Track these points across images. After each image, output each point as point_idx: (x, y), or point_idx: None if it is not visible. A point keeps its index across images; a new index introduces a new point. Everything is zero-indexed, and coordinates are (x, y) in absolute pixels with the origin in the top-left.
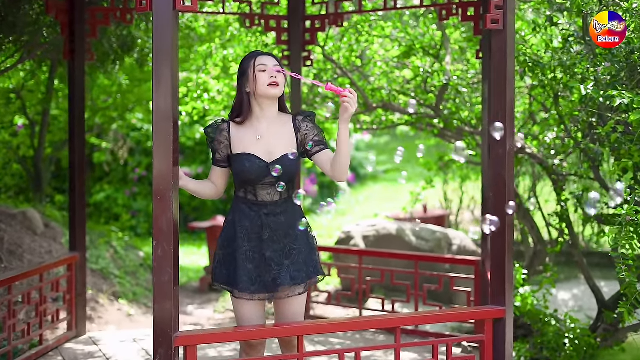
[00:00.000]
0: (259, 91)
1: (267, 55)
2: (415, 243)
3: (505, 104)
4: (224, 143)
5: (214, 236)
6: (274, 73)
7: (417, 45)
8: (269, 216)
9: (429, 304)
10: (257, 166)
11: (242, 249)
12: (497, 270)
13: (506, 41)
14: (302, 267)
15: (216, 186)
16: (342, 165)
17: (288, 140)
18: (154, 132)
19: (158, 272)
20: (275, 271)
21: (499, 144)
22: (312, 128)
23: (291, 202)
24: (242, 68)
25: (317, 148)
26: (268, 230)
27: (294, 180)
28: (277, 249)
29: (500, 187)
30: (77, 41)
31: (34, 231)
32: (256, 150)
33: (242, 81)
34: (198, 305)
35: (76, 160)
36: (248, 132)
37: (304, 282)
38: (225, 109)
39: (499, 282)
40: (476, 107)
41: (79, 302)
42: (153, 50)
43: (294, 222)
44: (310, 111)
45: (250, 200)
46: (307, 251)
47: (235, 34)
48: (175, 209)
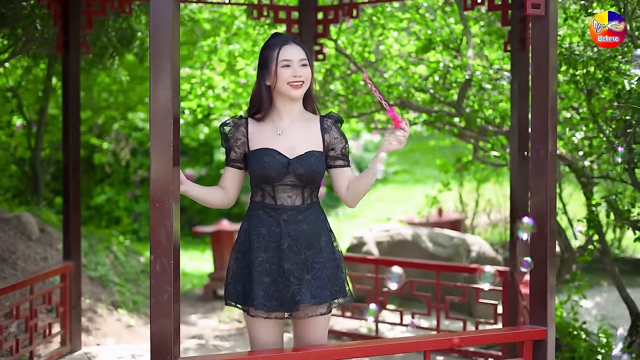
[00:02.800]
0: (278, 89)
1: (294, 45)
2: (432, 249)
3: (547, 97)
4: (241, 140)
5: (219, 241)
6: (299, 70)
7: (438, 38)
8: (289, 223)
9: (452, 317)
10: (277, 162)
11: (257, 259)
12: (538, 285)
13: (548, 28)
14: (325, 283)
15: (227, 192)
16: (360, 193)
17: (313, 138)
18: (152, 131)
19: (156, 291)
20: (294, 286)
21: (540, 144)
22: (341, 137)
23: (315, 208)
24: (264, 57)
25: (340, 162)
26: (287, 239)
27: (318, 183)
28: (298, 261)
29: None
30: (72, 33)
31: (28, 236)
32: (277, 145)
33: (263, 72)
34: (202, 315)
35: (70, 162)
36: (268, 127)
37: (327, 301)
38: (230, 107)
39: (540, 298)
40: (499, 104)
41: (74, 314)
42: (150, 38)
43: (319, 231)
44: (339, 116)
45: (269, 204)
46: (332, 267)
47: (242, 27)
48: (176, 218)
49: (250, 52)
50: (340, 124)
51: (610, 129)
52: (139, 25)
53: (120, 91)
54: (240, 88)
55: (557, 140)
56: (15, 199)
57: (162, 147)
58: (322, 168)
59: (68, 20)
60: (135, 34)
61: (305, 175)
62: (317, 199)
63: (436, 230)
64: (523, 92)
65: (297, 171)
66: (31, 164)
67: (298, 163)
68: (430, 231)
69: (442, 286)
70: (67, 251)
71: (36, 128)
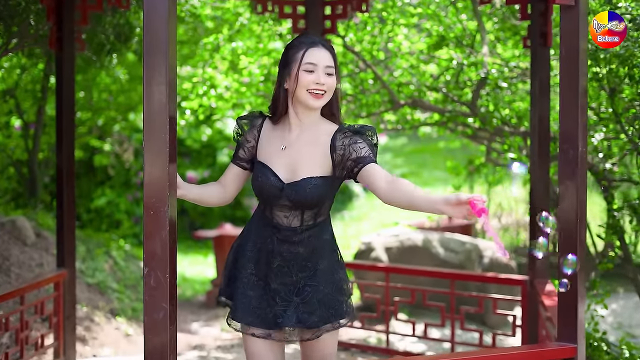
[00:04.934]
0: (297, 95)
1: (323, 49)
2: (443, 255)
3: (577, 93)
4: (251, 143)
5: (221, 246)
6: (323, 78)
7: (451, 35)
8: (283, 243)
9: (467, 328)
10: (270, 184)
11: (246, 270)
12: (567, 299)
13: (578, 19)
14: (315, 309)
15: (225, 189)
16: (402, 202)
17: (318, 160)
18: (145, 130)
19: (150, 308)
20: (278, 307)
21: (570, 144)
22: (350, 144)
23: (319, 227)
24: (286, 57)
25: (356, 168)
26: (278, 259)
27: (320, 206)
28: (287, 282)
29: (570, 200)
30: (66, 28)
31: (23, 241)
32: (277, 163)
33: (283, 74)
34: (204, 323)
35: (65, 164)
36: (276, 137)
37: (317, 326)
38: (233, 107)
39: (569, 313)
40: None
41: (68, 325)
42: (144, 26)
43: (317, 253)
44: (359, 125)
45: (267, 217)
46: (329, 291)
47: (245, 24)
48: (173, 226)
49: (254, 49)
50: (349, 132)
51: (634, 130)
52: (137, 21)
53: (121, 91)
54: (243, 87)
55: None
56: (11, 202)
57: (157, 147)
58: (323, 196)
59: (62, 15)
60: (133, 30)
61: (299, 202)
62: (323, 217)
63: (447, 235)
64: (544, 90)
65: (290, 198)
66: (28, 166)
67: (292, 190)
68: (441, 236)
69: (456, 296)
70: (61, 258)
71: (34, 129)
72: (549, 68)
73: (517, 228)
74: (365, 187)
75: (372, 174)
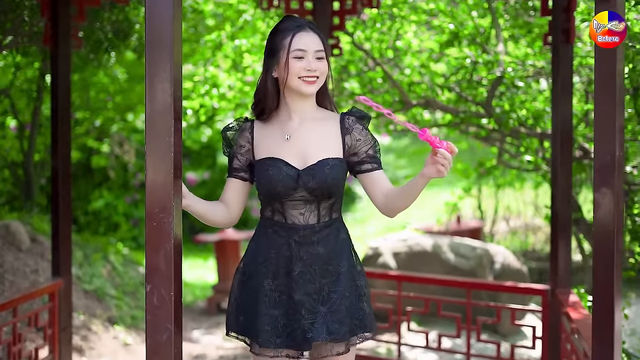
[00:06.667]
0: (288, 83)
1: (310, 32)
2: (453, 261)
3: (614, 92)
4: (246, 147)
5: (223, 251)
6: (314, 63)
7: (465, 31)
8: (302, 245)
9: (483, 340)
10: (284, 174)
11: (265, 287)
12: (603, 315)
13: (616, 11)
14: (344, 317)
15: (229, 208)
16: (400, 206)
17: (330, 142)
18: (148, 133)
19: (153, 329)
20: (306, 320)
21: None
22: (367, 135)
23: (335, 225)
24: (272, 44)
25: (368, 165)
26: (299, 264)
27: (339, 197)
28: (311, 290)
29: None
30: (61, 25)
31: (17, 247)
32: (284, 153)
33: (270, 62)
34: (205, 331)
35: (60, 167)
36: (274, 130)
37: (346, 339)
38: (236, 108)
39: (605, 330)
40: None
41: (63, 336)
42: (146, 15)
43: (338, 254)
44: (366, 112)
45: (278, 222)
46: (353, 296)
47: (249, 20)
48: (178, 239)
49: (259, 47)
50: (366, 120)
51: None
52: (136, 17)
53: (119, 91)
54: (247, 86)
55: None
56: (6, 205)
57: (161, 152)
58: (340, 179)
59: (57, 10)
60: (132, 27)
61: (318, 189)
62: (337, 214)
63: (456, 239)
64: (566, 89)
65: (308, 185)
66: (24, 168)
67: (309, 175)
68: (450, 241)
69: (473, 306)
70: (57, 266)
71: (29, 130)
72: (572, 66)
73: (525, 231)
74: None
75: (379, 181)
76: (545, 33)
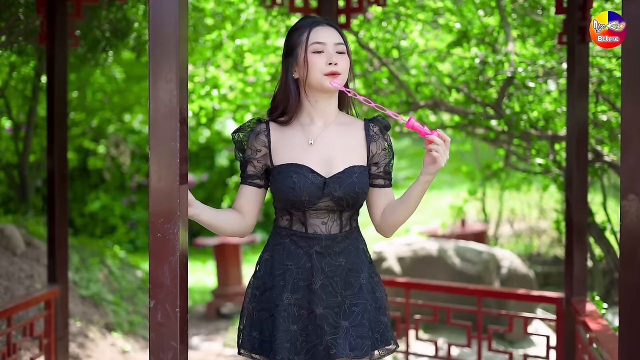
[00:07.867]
0: (310, 80)
1: (327, 27)
2: (459, 266)
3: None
4: (262, 151)
5: (223, 255)
6: (335, 57)
7: (475, 30)
8: (323, 256)
9: (495, 350)
10: (310, 182)
11: (283, 302)
12: (630, 327)
13: None
14: (367, 331)
15: (244, 216)
16: (398, 222)
17: (356, 149)
18: (151, 137)
19: (157, 347)
20: (329, 336)
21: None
22: (388, 149)
23: (355, 236)
24: (290, 43)
25: (380, 181)
26: (321, 277)
27: (361, 203)
28: (333, 304)
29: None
30: (58, 22)
31: (12, 251)
32: (308, 159)
33: (289, 62)
34: (204, 337)
35: (56, 169)
36: (295, 134)
37: (369, 354)
38: (238, 109)
39: (633, 343)
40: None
41: (60, 346)
42: (149, 10)
43: (358, 265)
44: (387, 122)
45: (297, 231)
46: (373, 309)
47: (250, 19)
48: (184, 251)
49: (261, 46)
50: (388, 130)
51: None
52: (135, 15)
53: (116, 91)
54: (249, 87)
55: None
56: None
57: (166, 158)
58: (367, 187)
59: (54, 7)
60: (131, 25)
61: (344, 198)
62: (356, 222)
63: (462, 243)
64: (582, 90)
65: (334, 194)
66: (19, 170)
67: (336, 184)
68: (456, 245)
69: (484, 314)
70: (53, 273)
71: (24, 131)
72: (588, 67)
73: (530, 235)
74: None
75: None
76: (560, 32)
